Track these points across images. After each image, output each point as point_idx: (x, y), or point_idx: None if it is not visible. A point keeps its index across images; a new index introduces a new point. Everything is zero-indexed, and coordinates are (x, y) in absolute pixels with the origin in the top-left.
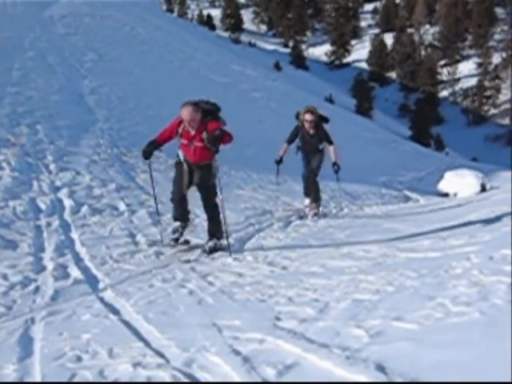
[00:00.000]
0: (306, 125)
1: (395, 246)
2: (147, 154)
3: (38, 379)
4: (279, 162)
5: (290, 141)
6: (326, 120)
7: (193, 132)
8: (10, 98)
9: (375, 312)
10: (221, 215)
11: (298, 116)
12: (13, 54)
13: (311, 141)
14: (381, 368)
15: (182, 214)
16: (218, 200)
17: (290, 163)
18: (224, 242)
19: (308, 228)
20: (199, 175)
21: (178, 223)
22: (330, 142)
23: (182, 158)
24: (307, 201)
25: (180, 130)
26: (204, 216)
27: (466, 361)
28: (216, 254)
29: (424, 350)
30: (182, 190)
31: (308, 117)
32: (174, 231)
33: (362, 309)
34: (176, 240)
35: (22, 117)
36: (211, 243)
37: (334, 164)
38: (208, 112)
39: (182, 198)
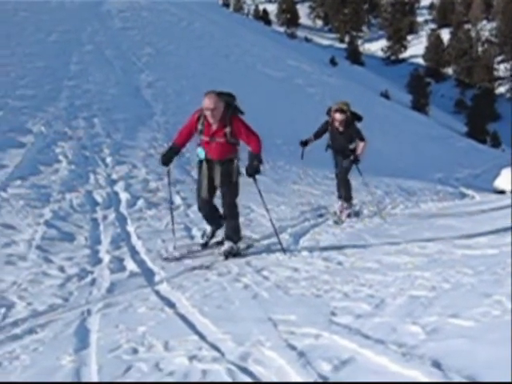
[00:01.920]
0: (336, 123)
1: (451, 242)
2: (166, 160)
3: (95, 370)
4: (304, 143)
5: (317, 135)
6: (359, 118)
7: (214, 126)
8: (67, 92)
9: (431, 309)
10: (240, 218)
11: (329, 112)
12: (71, 48)
13: (340, 138)
14: (437, 365)
15: (212, 223)
16: (238, 200)
17: None
18: (241, 245)
19: (363, 224)
20: (221, 172)
21: (208, 228)
22: (361, 139)
23: (202, 156)
24: (339, 203)
25: (200, 127)
26: (260, 211)
27: None
28: (271, 249)
29: (481, 347)
30: (205, 195)
31: (338, 116)
32: (203, 235)
33: (418, 305)
34: (205, 245)
35: (79, 110)
36: (227, 247)
37: (355, 158)
38: (229, 104)
39: (208, 207)
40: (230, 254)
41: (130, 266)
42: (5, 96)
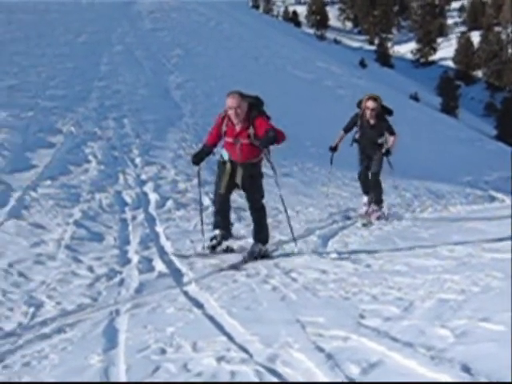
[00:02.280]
0: (367, 113)
1: (480, 245)
2: (197, 160)
3: (123, 370)
4: (334, 149)
5: (347, 129)
6: (389, 112)
7: (238, 127)
8: (97, 92)
9: (461, 312)
10: (267, 219)
11: (359, 104)
12: (101, 49)
13: (370, 132)
14: (466, 369)
15: (222, 221)
16: (264, 202)
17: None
18: (268, 247)
19: (392, 226)
20: (245, 175)
21: (217, 231)
22: (392, 133)
23: (226, 157)
24: (365, 198)
25: (224, 128)
26: (289, 212)
27: None
28: (300, 251)
29: (510, 351)
30: (223, 191)
31: (370, 104)
32: (212, 238)
33: (447, 308)
34: (213, 248)
35: (109, 111)
36: (255, 248)
37: (387, 151)
38: (252, 105)
39: (224, 201)
40: (259, 256)
41: (159, 266)
42: (35, 96)
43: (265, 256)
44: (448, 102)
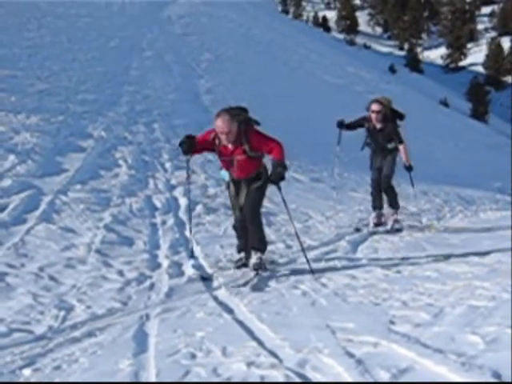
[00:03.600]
0: (373, 116)
1: (510, 252)
2: (187, 147)
3: (153, 374)
4: (342, 125)
5: (350, 126)
6: (400, 116)
7: (231, 146)
8: (128, 97)
9: (491, 319)
10: (264, 226)
11: (368, 107)
12: (131, 54)
13: (378, 136)
14: (497, 375)
15: (244, 244)
16: (261, 210)
17: (400, 167)
18: (268, 255)
19: (422, 232)
20: (249, 189)
21: (242, 254)
22: (400, 141)
23: (227, 178)
24: (373, 215)
25: (217, 149)
26: (318, 217)
27: None
28: (329, 256)
29: None
30: (238, 214)
31: (375, 106)
32: (237, 261)
33: (477, 315)
34: (238, 267)
35: (139, 115)
36: (256, 260)
37: (406, 167)
38: (241, 122)
39: (243, 226)
40: (261, 267)
41: (189, 271)
42: (66, 101)
43: (264, 267)
44: (478, 108)
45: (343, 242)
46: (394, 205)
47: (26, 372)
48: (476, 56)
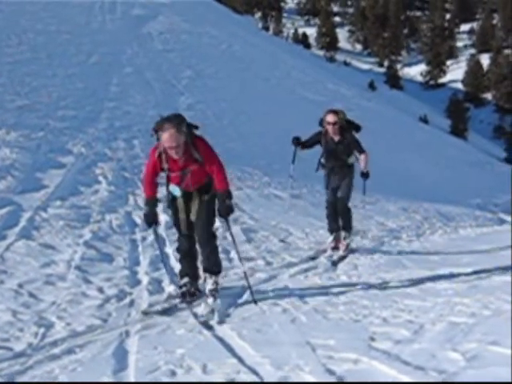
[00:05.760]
0: (330, 129)
1: (490, 268)
2: (152, 219)
3: None
4: (298, 142)
5: (306, 144)
6: (356, 127)
7: (182, 160)
8: (107, 113)
9: (471, 335)
10: (219, 247)
11: (321, 122)
12: (111, 70)
13: (337, 150)
14: None
15: (189, 268)
16: (214, 229)
17: (381, 183)
18: (221, 279)
19: (401, 248)
20: (200, 203)
21: (186, 279)
22: (361, 151)
23: (178, 193)
24: (330, 238)
25: (165, 165)
26: (297, 234)
27: None
28: (310, 273)
29: None
30: (186, 232)
31: (330, 118)
32: (181, 286)
33: (457, 332)
34: (183, 295)
35: (119, 131)
36: (211, 285)
37: (363, 173)
38: (186, 132)
39: (189, 246)
40: (216, 291)
41: (169, 287)
42: (46, 116)
43: (217, 291)
44: (457, 125)
45: (323, 259)
46: (348, 228)
47: None
48: (455, 73)
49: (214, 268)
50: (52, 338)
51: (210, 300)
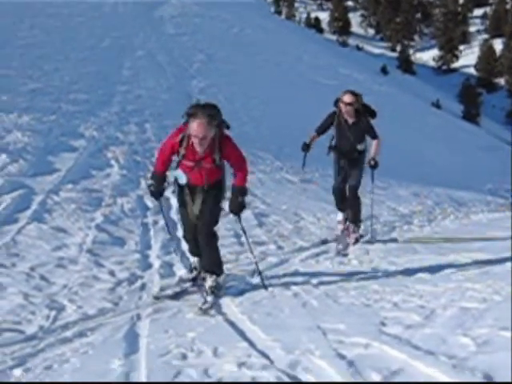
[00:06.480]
0: (345, 109)
1: (502, 254)
2: (157, 194)
3: (144, 375)
4: (307, 147)
5: (321, 130)
6: (372, 113)
7: (201, 152)
8: (119, 97)
9: (482, 321)
10: (219, 248)
11: (336, 102)
12: (123, 54)
13: (349, 133)
14: (488, 377)
15: (196, 247)
16: (217, 228)
17: (393, 168)
18: (223, 277)
19: (413, 234)
20: (205, 199)
21: (195, 258)
22: (375, 136)
23: (183, 181)
24: (340, 215)
25: (182, 151)
26: (310, 219)
27: None
28: (321, 257)
29: None
30: (194, 221)
31: (347, 98)
32: (191, 269)
33: (468, 317)
34: (194, 279)
35: (131, 115)
36: (211, 282)
37: (372, 159)
38: (218, 125)
39: (195, 238)
40: (217, 289)
41: (180, 271)
42: (58, 100)
43: (220, 289)
44: (470, 110)
45: (334, 244)
46: (357, 221)
47: (17, 372)
48: (468, 58)
49: (215, 269)
50: (63, 320)
51: (210, 298)
